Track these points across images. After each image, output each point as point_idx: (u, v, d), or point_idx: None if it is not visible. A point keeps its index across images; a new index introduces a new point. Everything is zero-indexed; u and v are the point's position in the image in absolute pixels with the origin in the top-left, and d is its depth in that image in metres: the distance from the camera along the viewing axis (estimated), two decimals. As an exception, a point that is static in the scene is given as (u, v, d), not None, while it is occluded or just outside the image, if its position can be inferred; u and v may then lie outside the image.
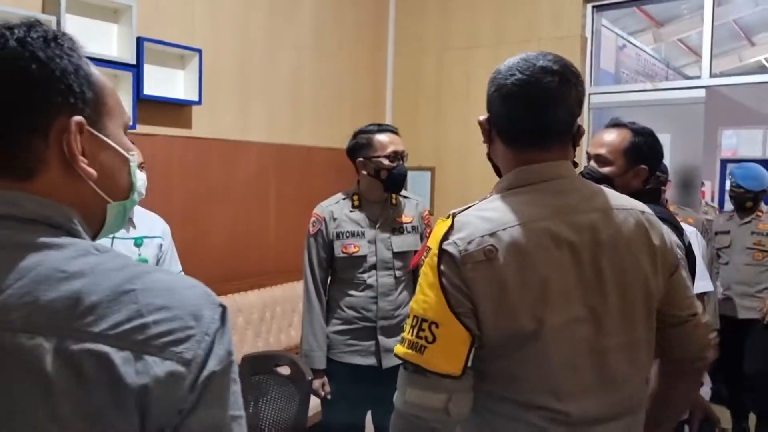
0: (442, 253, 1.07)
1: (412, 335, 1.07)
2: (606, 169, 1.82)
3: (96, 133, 0.75)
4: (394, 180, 2.46)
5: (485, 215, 1.09)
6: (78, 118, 0.72)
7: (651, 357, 1.18)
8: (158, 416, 0.63)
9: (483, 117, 1.21)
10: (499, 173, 1.26)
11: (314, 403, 2.58)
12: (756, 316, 3.60)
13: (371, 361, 2.47)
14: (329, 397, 2.49)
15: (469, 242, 1.06)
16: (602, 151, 1.84)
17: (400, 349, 1.09)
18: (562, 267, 1.07)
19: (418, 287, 1.11)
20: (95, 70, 0.76)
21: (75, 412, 0.61)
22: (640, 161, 1.80)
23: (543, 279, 1.05)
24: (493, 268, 1.04)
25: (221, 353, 0.68)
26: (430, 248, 1.11)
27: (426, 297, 1.08)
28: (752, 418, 3.69)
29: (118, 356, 0.62)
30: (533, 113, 1.12)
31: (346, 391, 2.49)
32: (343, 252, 2.47)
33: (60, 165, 0.72)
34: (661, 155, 1.88)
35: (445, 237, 1.08)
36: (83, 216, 0.74)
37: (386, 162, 2.44)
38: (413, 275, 2.60)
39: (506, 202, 1.11)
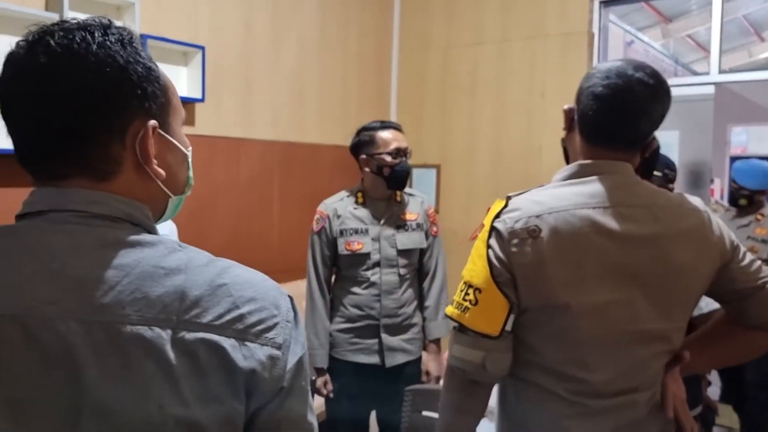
0: (493, 229, 1.22)
1: (459, 298, 1.24)
2: None
3: (165, 134, 0.79)
4: (396, 177, 2.44)
5: (537, 199, 1.22)
6: (153, 122, 0.76)
7: (681, 341, 1.28)
8: (261, 396, 0.71)
9: (568, 106, 1.32)
10: (567, 161, 1.36)
11: (317, 402, 2.56)
12: None
13: (375, 359, 2.46)
14: (331, 395, 2.48)
15: (517, 221, 1.20)
16: None
17: (449, 309, 1.27)
18: (600, 252, 1.17)
19: (469, 257, 1.27)
20: (161, 70, 0.80)
21: (196, 393, 0.68)
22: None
23: (579, 260, 1.17)
24: (534, 246, 1.17)
25: (301, 339, 0.77)
26: (483, 225, 1.26)
27: (474, 266, 1.24)
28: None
29: (227, 344, 0.69)
30: (618, 119, 1.22)
31: (349, 389, 2.48)
32: (346, 249, 2.46)
33: (134, 166, 0.76)
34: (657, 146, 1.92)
35: (498, 216, 1.23)
36: (152, 211, 0.80)
37: (389, 159, 2.42)
38: (418, 274, 2.58)
39: (559, 191, 1.23)
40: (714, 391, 3.30)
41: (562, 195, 1.22)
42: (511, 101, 4.14)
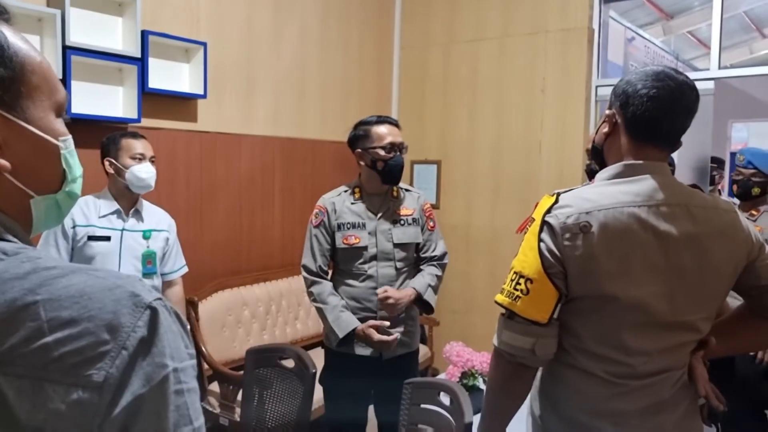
0: (544, 223, 1.28)
1: (510, 287, 1.30)
2: None
3: (11, 118, 0.64)
4: (390, 171, 2.46)
5: (586, 197, 1.29)
6: None
7: (708, 329, 1.38)
8: None
9: (610, 111, 1.38)
10: (600, 163, 1.44)
11: (318, 396, 2.58)
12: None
13: (371, 351, 2.48)
14: (389, 337, 2.42)
15: (568, 217, 1.26)
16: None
17: (499, 297, 1.32)
18: (645, 247, 1.25)
19: (520, 249, 1.32)
20: (17, 42, 0.65)
21: None
22: None
23: (626, 255, 1.24)
24: (585, 240, 1.24)
25: (149, 369, 0.57)
26: (534, 219, 1.31)
27: (525, 257, 1.29)
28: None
29: (11, 387, 0.53)
30: (672, 117, 1.31)
31: (347, 381, 2.50)
32: (344, 243, 2.49)
33: None
34: None
35: (548, 211, 1.29)
36: (11, 211, 0.66)
37: (382, 153, 2.44)
38: (416, 267, 2.59)
39: (606, 189, 1.31)
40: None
41: (609, 193, 1.29)
42: (512, 97, 4.15)
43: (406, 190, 2.63)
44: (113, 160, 2.45)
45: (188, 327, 0.65)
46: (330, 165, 4.11)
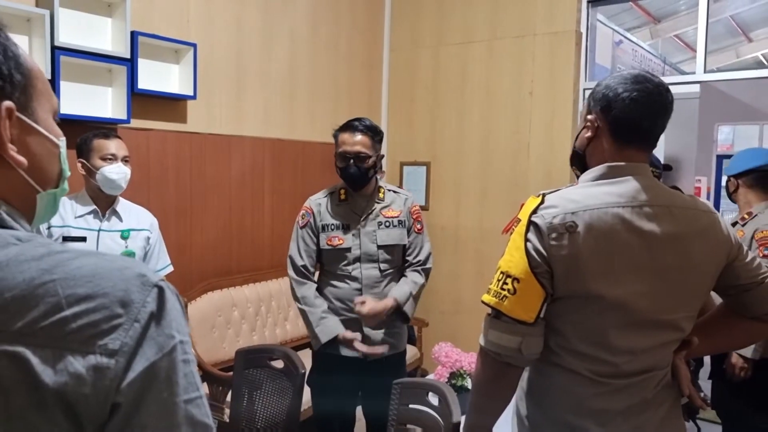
0: (531, 224, 1.30)
1: (497, 287, 1.32)
2: None
3: (25, 119, 0.71)
4: (344, 178, 2.49)
5: (572, 197, 1.31)
6: (8, 103, 0.68)
7: (691, 329, 1.41)
8: (90, 414, 0.60)
9: (591, 116, 1.41)
10: (581, 166, 1.46)
11: (307, 397, 2.58)
12: (743, 353, 2.95)
13: (356, 352, 2.49)
14: (364, 350, 2.43)
15: (554, 217, 1.28)
16: None
17: (486, 297, 1.34)
18: (629, 247, 1.28)
19: (506, 249, 1.34)
20: (23, 51, 0.72)
21: None
22: None
23: (611, 254, 1.27)
24: (571, 240, 1.26)
25: (160, 339, 0.63)
26: (520, 219, 1.33)
27: (512, 257, 1.31)
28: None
29: (35, 356, 0.59)
30: (653, 118, 1.35)
31: (334, 381, 2.51)
32: (328, 244, 2.50)
33: None
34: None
35: (535, 211, 1.31)
36: (14, 204, 0.71)
37: (337, 160, 2.49)
38: (399, 269, 2.60)
39: (591, 190, 1.33)
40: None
41: (594, 194, 1.32)
42: (500, 99, 4.18)
43: (394, 191, 2.63)
44: (85, 161, 2.43)
45: (185, 302, 0.70)
46: (320, 166, 4.12)
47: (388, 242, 2.52)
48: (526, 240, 1.29)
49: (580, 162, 1.47)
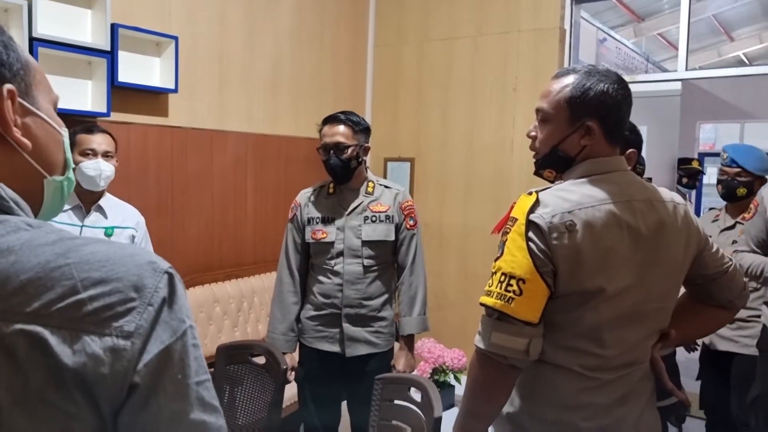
0: (530, 223, 1.30)
1: (500, 289, 1.30)
2: None
3: (28, 105, 0.72)
4: (329, 171, 2.48)
5: (564, 196, 1.33)
6: (9, 86, 0.69)
7: (668, 320, 1.46)
8: (109, 397, 0.61)
9: (591, 123, 1.38)
10: (563, 168, 1.44)
11: (289, 393, 2.58)
12: (738, 350, 2.90)
13: (336, 348, 2.49)
14: (290, 380, 2.49)
15: (554, 216, 1.29)
16: None
17: (487, 299, 1.31)
18: (621, 242, 1.31)
19: (506, 250, 1.32)
20: (19, 46, 0.74)
21: (12, 397, 0.59)
22: (630, 145, 1.96)
23: (607, 251, 1.30)
24: (572, 239, 1.28)
25: (173, 323, 0.66)
26: (516, 218, 1.32)
27: (514, 258, 1.30)
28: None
29: (53, 336, 0.60)
30: (629, 115, 1.42)
31: (318, 376, 2.51)
32: (312, 238, 2.49)
33: None
34: (641, 140, 2.13)
35: (531, 210, 1.31)
36: (19, 192, 0.71)
37: (320, 153, 2.48)
38: (388, 266, 2.58)
39: (581, 187, 1.35)
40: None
41: (585, 192, 1.34)
42: (485, 95, 4.18)
43: (386, 186, 2.59)
44: None
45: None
46: (303, 162, 4.10)
47: (374, 237, 2.48)
48: (528, 239, 1.29)
49: (560, 163, 1.44)
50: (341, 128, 2.45)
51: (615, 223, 1.31)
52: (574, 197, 1.32)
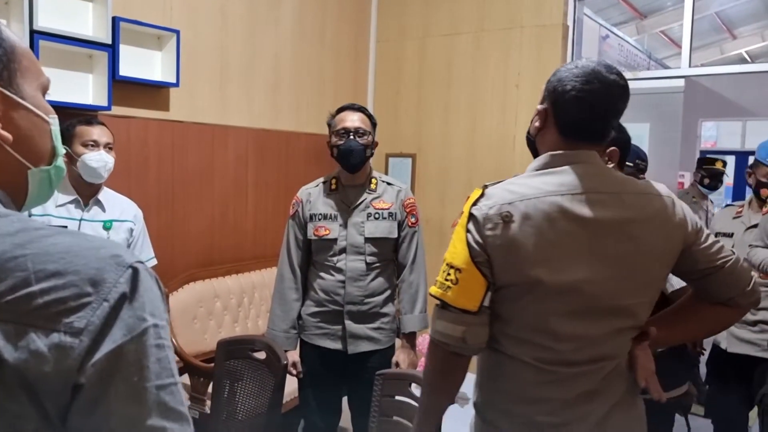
0: (470, 215, 1.34)
1: (442, 278, 1.34)
2: None
3: (9, 94, 0.70)
4: (341, 156, 2.44)
5: (510, 188, 1.33)
6: None
7: (647, 315, 1.41)
8: (50, 394, 0.58)
9: (542, 107, 1.41)
10: (535, 154, 1.46)
11: (289, 389, 2.57)
12: (755, 353, 2.76)
13: (338, 345, 2.47)
14: (300, 376, 2.50)
15: (491, 208, 1.31)
16: None
17: (433, 288, 1.37)
18: (569, 235, 1.28)
19: (451, 241, 1.36)
20: (6, 29, 0.71)
21: None
22: (615, 143, 1.91)
23: (549, 242, 1.28)
24: (506, 230, 1.29)
25: (130, 321, 0.61)
26: (462, 212, 1.36)
27: (455, 249, 1.34)
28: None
29: None
30: (598, 119, 1.35)
31: (318, 373, 2.50)
32: (314, 234, 2.47)
33: None
34: (628, 138, 2.06)
35: (475, 203, 1.34)
36: (1, 183, 0.70)
37: (335, 139, 2.45)
38: (390, 263, 2.57)
39: (530, 180, 1.35)
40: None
41: (533, 184, 1.33)
42: (486, 92, 4.17)
43: (388, 183, 2.57)
44: (66, 148, 2.38)
45: (165, 292, 0.68)
46: (304, 157, 4.09)
47: (377, 234, 2.47)
48: (467, 231, 1.33)
49: (532, 147, 1.50)
50: (360, 115, 2.47)
51: (561, 216, 1.28)
52: (520, 189, 1.32)
